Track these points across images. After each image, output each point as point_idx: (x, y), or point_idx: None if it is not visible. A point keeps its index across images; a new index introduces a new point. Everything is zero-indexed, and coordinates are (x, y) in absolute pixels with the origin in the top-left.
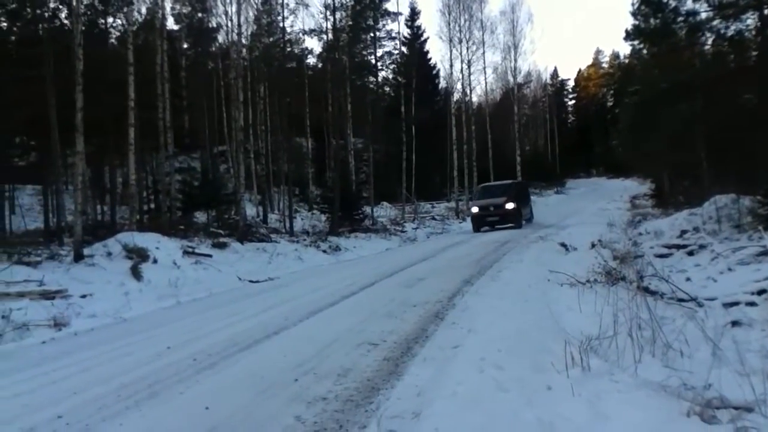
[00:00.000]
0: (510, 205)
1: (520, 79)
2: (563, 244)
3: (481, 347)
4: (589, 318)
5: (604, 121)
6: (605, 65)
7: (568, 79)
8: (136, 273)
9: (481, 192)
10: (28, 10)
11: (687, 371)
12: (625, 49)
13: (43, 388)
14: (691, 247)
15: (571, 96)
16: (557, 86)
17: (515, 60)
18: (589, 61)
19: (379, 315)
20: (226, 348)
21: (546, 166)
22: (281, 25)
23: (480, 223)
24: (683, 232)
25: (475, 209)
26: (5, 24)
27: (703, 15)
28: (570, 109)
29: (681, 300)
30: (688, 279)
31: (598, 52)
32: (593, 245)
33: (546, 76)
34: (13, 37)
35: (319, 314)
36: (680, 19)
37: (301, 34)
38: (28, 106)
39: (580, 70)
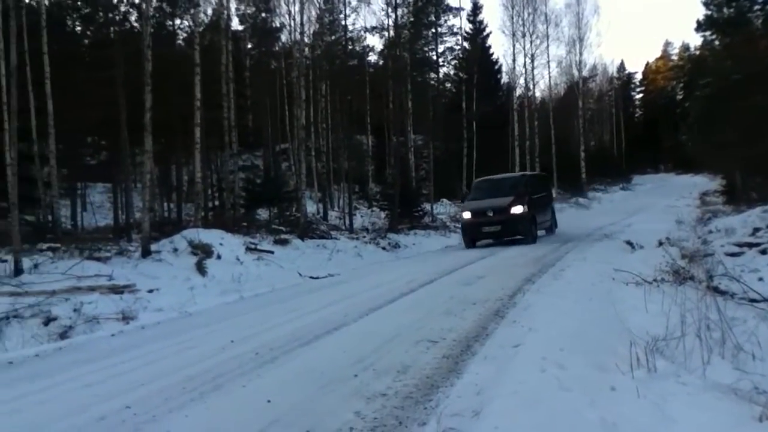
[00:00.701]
0: (517, 209)
1: (585, 73)
2: (629, 242)
3: (543, 346)
4: (655, 318)
5: (673, 115)
6: (675, 57)
7: (636, 72)
8: (200, 268)
9: (478, 189)
10: (101, 14)
11: (759, 374)
12: (695, 40)
13: (112, 379)
14: (764, 246)
15: (638, 89)
16: (624, 79)
17: (580, 53)
18: (658, 54)
19: (438, 312)
20: (287, 343)
21: (611, 162)
22: (343, 23)
23: (473, 235)
24: (756, 230)
25: (466, 215)
26: (79, 28)
27: None
28: (637, 102)
29: (753, 300)
30: (760, 279)
31: (667, 43)
32: (660, 243)
33: (612, 70)
34: (86, 41)
35: (378, 311)
36: (756, 7)
37: (362, 32)
38: (100, 107)
39: (648, 63)
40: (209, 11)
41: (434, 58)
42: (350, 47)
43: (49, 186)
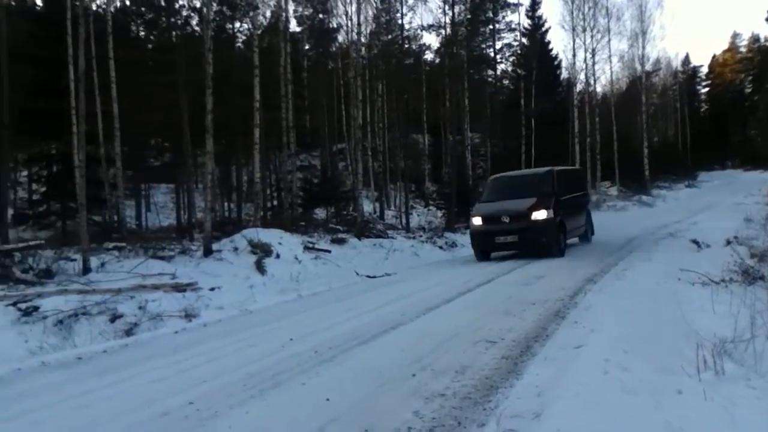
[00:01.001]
0: (540, 214)
1: (648, 67)
2: (695, 241)
3: (605, 347)
4: (723, 319)
5: (742, 110)
6: (743, 49)
7: (701, 66)
8: (260, 267)
9: (493, 189)
10: (163, 19)
11: None
12: (766, 31)
13: (175, 375)
14: None
15: (704, 83)
16: (689, 73)
17: (643, 47)
18: (725, 46)
19: (497, 312)
20: (345, 341)
21: (676, 158)
22: (399, 22)
23: (484, 246)
24: None
25: (476, 221)
26: (143, 33)
27: None
28: (703, 97)
29: None
30: None
31: (735, 35)
32: (728, 242)
33: (677, 63)
34: (149, 46)
35: (435, 310)
36: None
37: (419, 30)
38: (163, 109)
39: (714, 56)
40: (268, 14)
41: (492, 54)
42: (406, 46)
43: (115, 187)
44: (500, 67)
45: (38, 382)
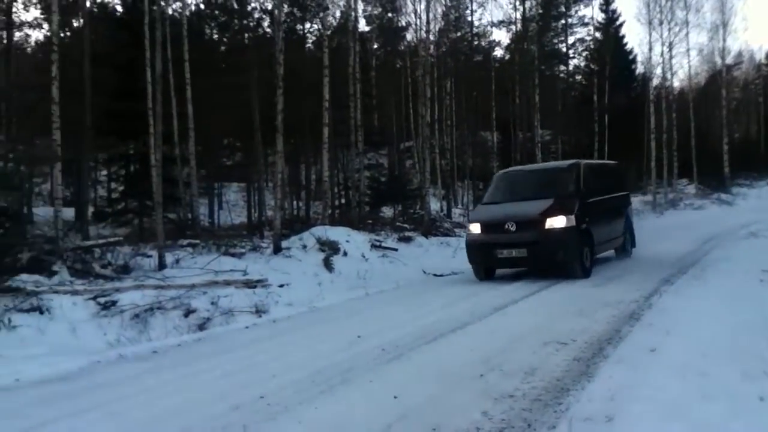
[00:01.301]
0: (557, 221)
1: (729, 61)
2: None
3: (683, 351)
4: None
5: None
6: None
7: None
8: (328, 265)
9: (500, 187)
10: (236, 21)
11: None
12: None
13: (246, 370)
14: None
15: None
16: None
17: (724, 40)
18: None
19: (568, 313)
20: (413, 340)
21: (758, 155)
22: (469, 19)
23: (484, 261)
24: None
25: (474, 228)
26: (216, 35)
27: None
28: None
29: None
30: None
31: None
32: None
33: (760, 56)
34: (222, 48)
35: (504, 310)
36: None
37: (488, 27)
38: (235, 110)
39: None
40: (337, 14)
41: (564, 50)
42: (476, 43)
43: (189, 186)
44: (573, 62)
45: (116, 374)
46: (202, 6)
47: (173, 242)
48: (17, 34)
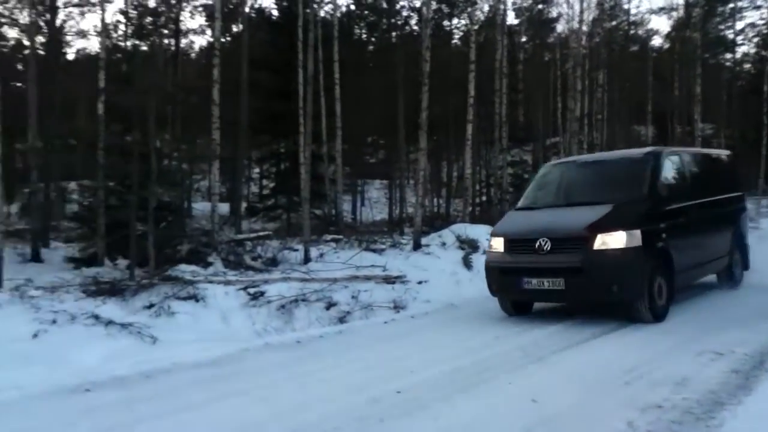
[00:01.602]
0: (613, 238)
1: None
2: None
3: None
4: None
5: None
6: None
7: None
8: (466, 263)
9: (542, 185)
10: (384, 20)
11: None
12: None
13: (385, 364)
14: None
15: None
16: None
17: None
18: None
19: (727, 323)
20: (554, 343)
21: None
22: (625, 7)
23: (508, 291)
24: None
25: (497, 243)
26: (365, 35)
27: None
28: None
29: None
30: None
31: None
32: None
33: None
34: (370, 47)
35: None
36: None
37: (647, 15)
38: (380, 108)
39: None
40: (485, 8)
41: (731, 36)
42: (632, 32)
43: (334, 183)
44: (741, 49)
45: (263, 362)
46: (352, 7)
47: (318, 237)
48: (183, 41)
